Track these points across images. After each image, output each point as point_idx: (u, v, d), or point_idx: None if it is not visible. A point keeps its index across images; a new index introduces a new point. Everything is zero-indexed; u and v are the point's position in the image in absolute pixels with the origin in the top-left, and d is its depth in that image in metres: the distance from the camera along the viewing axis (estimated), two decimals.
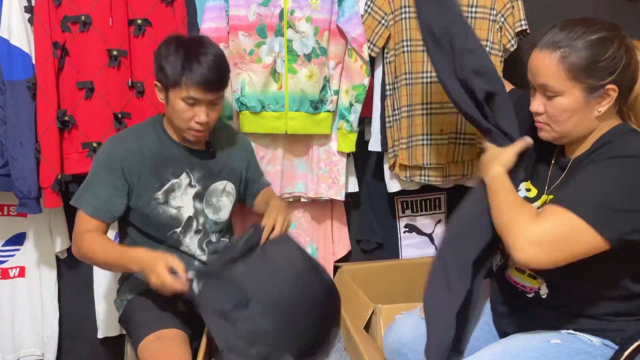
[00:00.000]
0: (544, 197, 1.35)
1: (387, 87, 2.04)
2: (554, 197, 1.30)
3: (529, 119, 1.36)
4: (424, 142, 2.05)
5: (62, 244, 2.05)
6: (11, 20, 1.79)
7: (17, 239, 2.04)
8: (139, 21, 1.89)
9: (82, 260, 1.65)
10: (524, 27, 2.00)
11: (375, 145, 2.11)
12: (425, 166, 2.07)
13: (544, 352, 1.24)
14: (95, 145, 1.88)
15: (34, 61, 1.82)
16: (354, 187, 2.21)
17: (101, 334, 2.11)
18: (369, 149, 2.14)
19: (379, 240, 2.31)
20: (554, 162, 1.38)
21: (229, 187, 1.76)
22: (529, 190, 1.41)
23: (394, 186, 2.16)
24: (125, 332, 1.81)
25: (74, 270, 2.13)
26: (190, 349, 1.52)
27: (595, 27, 1.23)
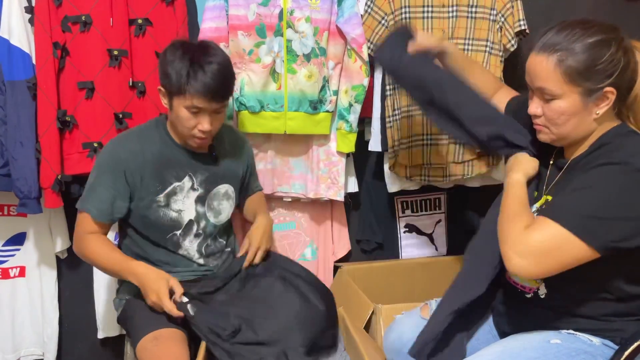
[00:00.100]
0: (544, 198, 1.35)
1: (387, 87, 2.04)
2: (546, 203, 1.31)
3: (529, 121, 1.36)
4: (424, 142, 2.05)
5: (62, 244, 2.05)
6: (11, 20, 1.79)
7: (18, 239, 2.04)
8: (140, 21, 1.88)
9: (83, 259, 1.67)
10: (523, 27, 2.00)
11: (375, 145, 2.10)
12: (425, 166, 2.07)
13: (544, 352, 1.23)
14: (96, 145, 1.88)
15: (34, 61, 1.82)
16: (354, 187, 2.20)
17: (101, 334, 2.11)
18: (369, 149, 2.13)
19: (379, 240, 2.31)
20: (552, 164, 1.38)
21: (230, 190, 1.76)
22: None
23: (394, 186, 2.16)
24: (125, 332, 1.81)
25: (74, 270, 2.13)
26: (188, 349, 1.52)
27: (592, 29, 1.22)
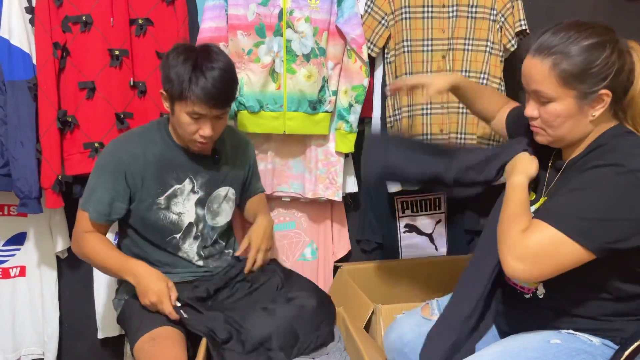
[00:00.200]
0: (542, 200, 1.35)
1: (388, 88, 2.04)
2: (541, 207, 1.31)
3: (528, 124, 1.36)
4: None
5: (62, 244, 2.05)
6: (12, 20, 1.79)
7: (18, 239, 2.04)
8: (140, 21, 1.89)
9: (81, 257, 1.67)
10: (523, 27, 2.00)
11: None
12: None
13: (544, 352, 1.23)
14: (97, 145, 1.88)
15: (34, 61, 1.82)
16: (354, 187, 2.20)
17: (101, 334, 2.11)
18: None
19: (379, 240, 2.30)
20: (550, 165, 1.38)
21: (231, 193, 1.76)
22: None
23: (393, 186, 2.15)
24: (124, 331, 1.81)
25: (74, 270, 2.13)
26: (186, 348, 1.51)
27: (587, 32, 1.21)
